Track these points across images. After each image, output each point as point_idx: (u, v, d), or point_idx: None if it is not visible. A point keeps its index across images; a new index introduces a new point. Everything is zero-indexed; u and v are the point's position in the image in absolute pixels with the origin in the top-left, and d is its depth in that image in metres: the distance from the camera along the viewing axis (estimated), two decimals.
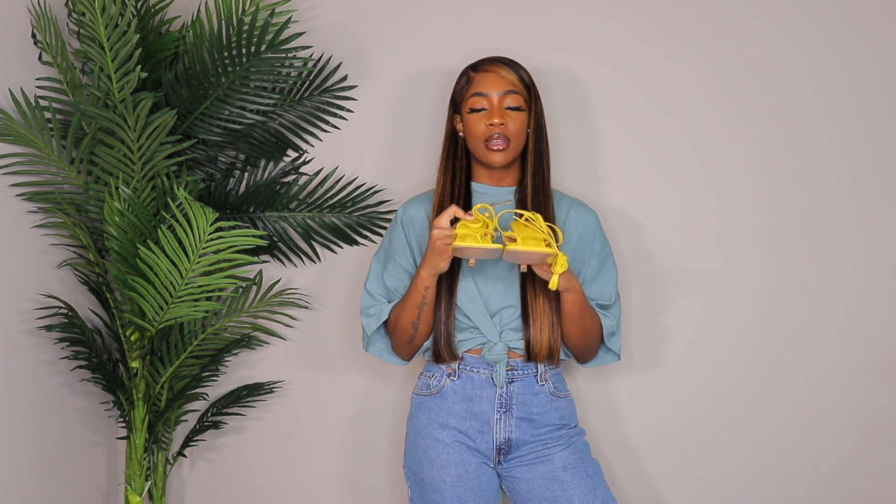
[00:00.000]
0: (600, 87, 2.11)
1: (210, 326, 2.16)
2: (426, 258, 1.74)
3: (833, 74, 2.05)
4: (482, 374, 1.81)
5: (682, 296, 2.10)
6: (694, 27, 2.08)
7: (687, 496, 2.10)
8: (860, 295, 2.04)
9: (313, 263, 2.23)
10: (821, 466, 2.06)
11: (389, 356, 1.90)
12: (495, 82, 1.80)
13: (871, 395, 2.04)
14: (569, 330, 1.79)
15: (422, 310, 1.78)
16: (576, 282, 1.76)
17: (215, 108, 2.05)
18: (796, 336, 2.07)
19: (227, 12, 2.07)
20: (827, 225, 2.05)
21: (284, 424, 2.27)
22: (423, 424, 1.83)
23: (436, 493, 1.79)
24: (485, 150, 1.80)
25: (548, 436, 1.81)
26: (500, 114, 1.78)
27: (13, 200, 2.01)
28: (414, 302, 1.78)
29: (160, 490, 2.19)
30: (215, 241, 1.88)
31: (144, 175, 2.01)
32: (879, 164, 2.04)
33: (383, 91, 2.19)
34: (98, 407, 2.24)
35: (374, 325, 1.85)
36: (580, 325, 1.79)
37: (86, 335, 2.06)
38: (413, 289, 1.78)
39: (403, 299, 1.81)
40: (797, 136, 2.06)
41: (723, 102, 2.08)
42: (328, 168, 2.20)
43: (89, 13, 1.91)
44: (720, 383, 2.09)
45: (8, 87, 1.99)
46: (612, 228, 2.09)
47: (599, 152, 2.12)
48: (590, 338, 1.83)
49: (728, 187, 2.08)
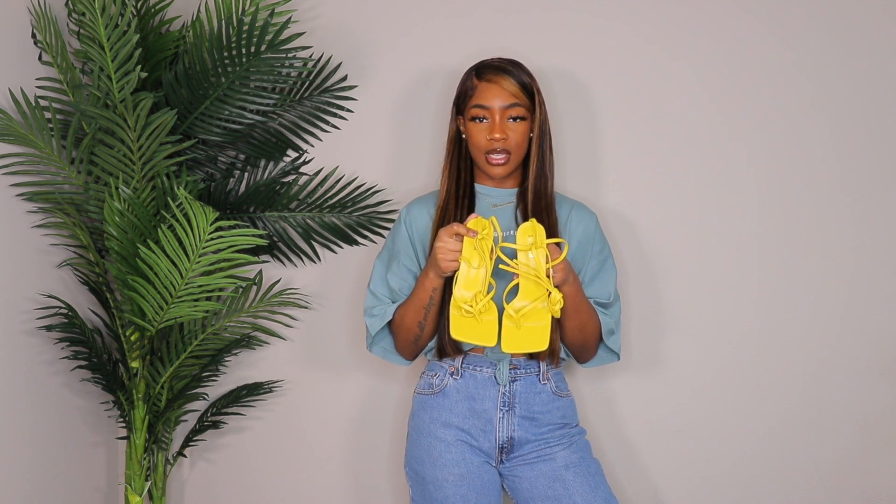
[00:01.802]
0: (601, 87, 2.11)
1: (210, 326, 2.16)
2: (431, 263, 1.74)
3: (834, 75, 2.05)
4: (485, 372, 1.81)
5: (683, 296, 2.10)
6: (695, 27, 2.08)
7: (687, 495, 2.10)
8: (860, 295, 2.04)
9: (313, 263, 2.23)
10: (821, 466, 2.06)
11: (393, 356, 1.90)
12: (498, 94, 1.79)
13: (871, 395, 2.04)
14: (565, 324, 1.79)
15: (429, 310, 1.78)
16: (574, 275, 1.76)
17: (215, 108, 2.05)
18: (796, 336, 2.07)
19: (227, 12, 2.07)
20: (827, 225, 2.05)
21: (284, 424, 2.27)
22: (426, 423, 1.83)
23: (438, 493, 1.79)
24: (485, 162, 1.80)
25: (550, 435, 1.81)
26: (502, 128, 1.78)
27: (13, 200, 2.01)
28: (421, 303, 1.78)
29: (160, 490, 2.19)
30: (215, 241, 1.88)
31: (144, 175, 2.01)
32: (880, 164, 2.04)
33: (383, 91, 2.19)
34: (98, 407, 2.24)
35: (379, 325, 1.85)
36: (576, 319, 1.79)
37: (86, 335, 2.06)
38: (420, 289, 1.78)
39: (409, 299, 1.81)
40: (798, 137, 2.06)
41: (724, 103, 2.08)
42: (328, 168, 2.20)
43: (89, 13, 1.91)
44: (720, 383, 2.09)
45: (8, 87, 1.99)
46: (613, 229, 2.09)
47: (600, 153, 2.12)
48: (586, 334, 1.82)
49: (729, 188, 2.08)
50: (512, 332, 1.70)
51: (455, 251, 1.68)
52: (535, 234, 1.68)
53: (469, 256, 1.69)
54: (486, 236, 1.69)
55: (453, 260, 1.68)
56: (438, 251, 1.69)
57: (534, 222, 1.69)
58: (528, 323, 1.69)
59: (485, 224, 1.70)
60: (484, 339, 1.70)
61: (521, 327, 1.69)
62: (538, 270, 1.66)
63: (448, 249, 1.68)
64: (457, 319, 1.70)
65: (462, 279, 1.69)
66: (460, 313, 1.70)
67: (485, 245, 1.68)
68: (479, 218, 1.70)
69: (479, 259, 1.69)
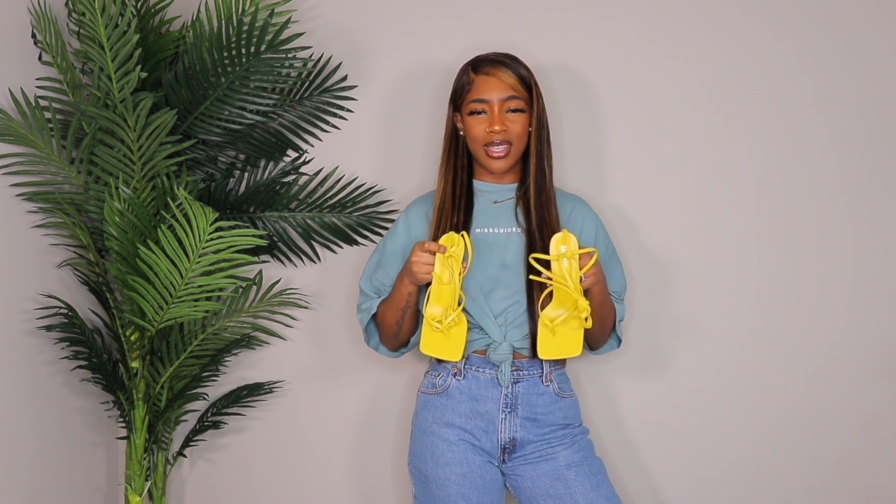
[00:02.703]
0: (602, 85, 2.11)
1: (210, 326, 2.16)
2: (406, 272, 1.77)
3: (835, 74, 2.05)
4: (487, 373, 1.81)
5: (684, 295, 2.10)
6: (696, 26, 2.09)
7: (688, 495, 2.11)
8: (861, 295, 2.04)
9: (313, 263, 2.23)
10: (821, 466, 2.06)
11: (384, 349, 1.95)
12: (496, 87, 1.80)
13: (871, 395, 2.04)
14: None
15: (405, 312, 1.83)
16: (602, 276, 1.79)
17: (215, 109, 2.05)
18: (797, 336, 2.07)
19: (227, 12, 2.07)
20: (828, 225, 2.05)
21: (284, 424, 2.27)
22: (429, 423, 1.83)
23: (440, 491, 1.80)
24: (485, 156, 1.81)
25: (552, 435, 1.81)
26: (501, 120, 1.78)
27: (13, 200, 2.01)
28: (398, 305, 1.82)
29: (160, 490, 2.19)
30: (215, 241, 1.88)
31: (144, 175, 2.01)
32: (881, 164, 2.04)
33: (383, 91, 2.19)
34: (98, 407, 2.24)
35: (366, 319, 1.91)
36: (600, 315, 1.82)
37: (86, 335, 2.06)
38: (397, 293, 1.82)
39: (389, 299, 1.86)
40: (799, 136, 2.06)
41: (725, 101, 2.08)
42: (328, 168, 2.20)
43: (89, 13, 1.91)
44: (721, 383, 2.09)
45: (8, 87, 1.99)
46: (615, 227, 2.09)
47: (602, 150, 2.12)
48: (605, 326, 1.87)
49: (730, 186, 2.08)
50: (548, 340, 1.74)
51: (428, 265, 1.73)
52: (568, 244, 1.71)
53: (440, 272, 1.73)
54: (456, 253, 1.73)
55: (427, 273, 1.73)
56: (413, 264, 1.73)
57: (565, 232, 1.72)
58: (563, 330, 1.73)
59: (455, 240, 1.74)
60: (451, 353, 1.76)
61: (556, 334, 1.73)
62: (573, 280, 1.69)
63: (422, 263, 1.73)
64: (427, 334, 1.77)
65: (433, 295, 1.75)
66: (430, 328, 1.75)
67: (454, 262, 1.73)
68: (450, 234, 1.75)
69: (449, 274, 1.73)
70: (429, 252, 1.72)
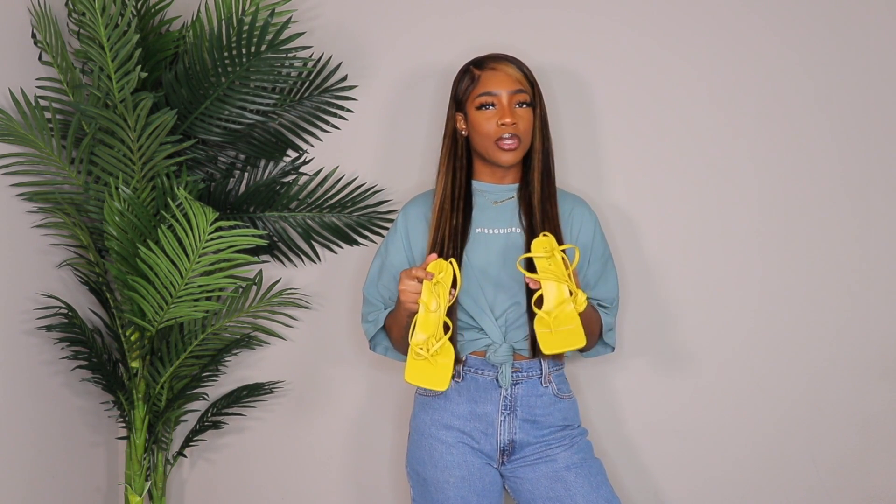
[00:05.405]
0: (602, 85, 2.11)
1: (210, 326, 2.16)
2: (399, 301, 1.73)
3: (836, 74, 2.04)
4: (487, 375, 1.80)
5: (684, 296, 2.10)
6: (697, 25, 2.08)
7: (688, 495, 2.10)
8: (861, 295, 2.04)
9: (313, 263, 2.23)
10: (821, 466, 2.06)
11: (395, 353, 1.93)
12: (504, 80, 1.80)
13: (871, 395, 2.04)
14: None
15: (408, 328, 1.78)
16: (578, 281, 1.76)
17: (215, 108, 2.05)
18: (797, 336, 2.07)
19: (227, 12, 2.07)
20: (829, 225, 2.05)
21: (285, 424, 2.27)
22: (427, 425, 1.83)
23: (439, 494, 1.79)
24: (496, 149, 1.79)
25: (551, 436, 1.81)
26: (511, 113, 1.78)
27: (13, 200, 2.01)
28: (401, 322, 1.79)
29: (160, 490, 2.19)
30: (215, 241, 1.88)
31: (144, 175, 2.01)
32: (881, 164, 2.04)
33: (383, 91, 2.19)
34: (98, 407, 2.24)
35: (373, 330, 1.89)
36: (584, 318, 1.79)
37: (86, 335, 2.06)
38: (397, 313, 1.80)
39: (394, 312, 1.83)
40: (800, 136, 2.06)
41: (726, 101, 2.08)
42: (328, 168, 2.20)
43: (89, 13, 1.91)
44: (721, 384, 2.09)
45: (8, 87, 1.99)
46: (614, 227, 2.09)
47: (602, 150, 2.12)
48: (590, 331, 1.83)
49: (731, 186, 2.08)
50: (547, 337, 1.69)
51: (416, 293, 1.67)
52: (550, 244, 1.69)
53: (427, 299, 1.68)
54: (443, 279, 1.68)
55: (414, 302, 1.68)
56: (401, 294, 1.68)
57: (544, 234, 1.71)
58: (562, 326, 1.68)
59: (443, 266, 1.69)
60: (436, 383, 1.67)
61: (554, 331, 1.68)
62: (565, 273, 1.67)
63: (409, 293, 1.67)
64: (411, 362, 1.68)
65: (419, 323, 1.68)
66: (414, 356, 1.68)
67: (440, 289, 1.68)
68: (438, 260, 1.70)
69: (436, 302, 1.69)
70: (416, 279, 1.67)
